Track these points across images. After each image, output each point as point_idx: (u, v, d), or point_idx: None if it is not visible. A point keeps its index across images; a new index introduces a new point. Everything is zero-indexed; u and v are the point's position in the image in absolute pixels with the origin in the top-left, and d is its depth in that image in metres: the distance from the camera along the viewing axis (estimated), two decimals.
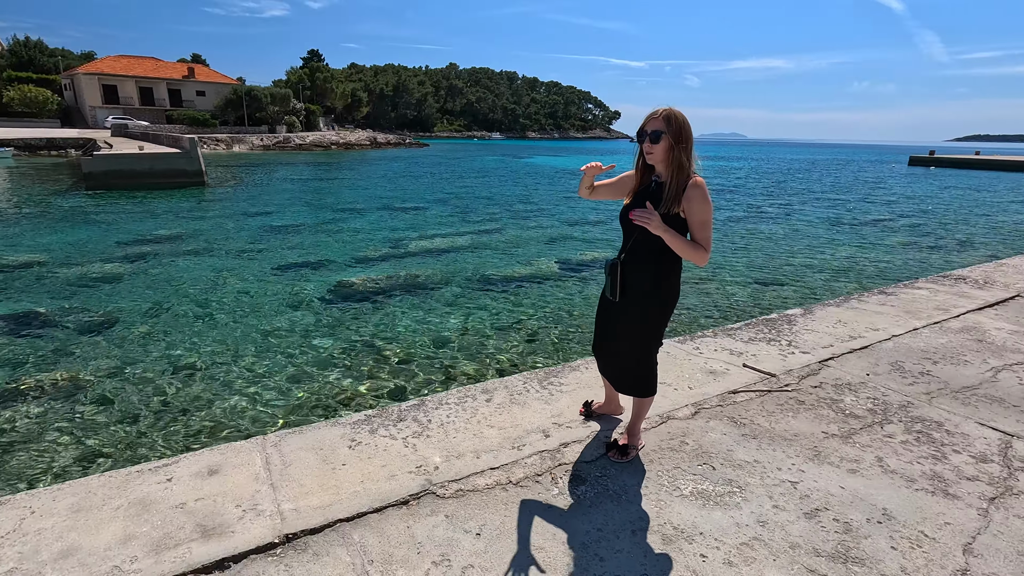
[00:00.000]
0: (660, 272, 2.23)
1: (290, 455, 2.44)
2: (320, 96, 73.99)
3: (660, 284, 2.25)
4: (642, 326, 2.32)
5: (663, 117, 2.12)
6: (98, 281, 8.87)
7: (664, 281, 2.25)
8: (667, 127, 2.10)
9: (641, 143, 2.18)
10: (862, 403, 3.01)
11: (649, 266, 2.23)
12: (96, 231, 13.17)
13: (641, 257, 2.23)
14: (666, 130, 2.10)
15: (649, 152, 2.16)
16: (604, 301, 2.46)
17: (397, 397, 5.09)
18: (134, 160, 23.00)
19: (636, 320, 2.31)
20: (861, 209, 20.08)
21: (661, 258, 2.21)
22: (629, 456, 2.44)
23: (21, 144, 38.71)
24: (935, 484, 2.31)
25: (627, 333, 2.36)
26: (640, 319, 2.31)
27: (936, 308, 4.74)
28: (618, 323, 2.38)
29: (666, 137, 2.10)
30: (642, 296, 2.27)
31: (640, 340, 2.35)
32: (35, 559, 1.82)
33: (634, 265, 2.25)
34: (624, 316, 2.34)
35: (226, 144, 50.49)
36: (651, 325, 2.32)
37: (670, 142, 2.10)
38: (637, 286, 2.26)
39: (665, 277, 2.25)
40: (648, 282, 2.24)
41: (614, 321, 2.40)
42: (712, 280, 9.38)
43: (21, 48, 58.89)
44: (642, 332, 2.33)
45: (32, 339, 6.40)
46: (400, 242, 12.50)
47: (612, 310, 2.39)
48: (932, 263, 11.27)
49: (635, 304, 2.29)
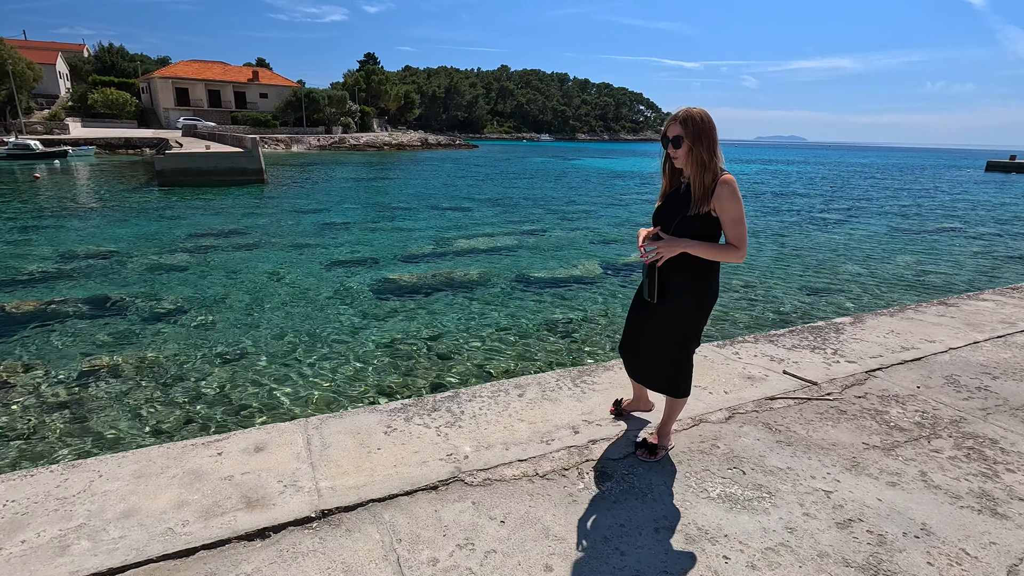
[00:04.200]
0: (699, 273, 2.22)
1: (330, 437, 2.57)
2: (374, 98, 76.10)
3: (700, 285, 2.24)
4: (680, 327, 2.31)
5: (680, 120, 2.11)
6: (165, 271, 9.49)
7: (704, 282, 2.24)
8: (684, 130, 2.10)
9: (665, 148, 2.19)
10: (909, 416, 2.89)
11: (687, 267, 2.21)
12: (165, 225, 14.06)
13: (679, 258, 2.22)
14: (684, 133, 2.10)
15: (674, 156, 2.17)
16: (638, 301, 2.44)
17: (433, 388, 5.22)
18: (201, 159, 24.40)
19: (673, 321, 2.30)
20: (927, 216, 18.97)
21: (699, 259, 2.20)
22: (658, 456, 2.44)
23: (102, 143, 41.74)
24: (983, 502, 2.20)
25: (663, 334, 2.35)
26: (677, 320, 2.30)
27: (1001, 321, 4.46)
28: (655, 324, 2.36)
29: (685, 140, 2.10)
30: (679, 297, 2.25)
31: (676, 341, 2.33)
32: (101, 517, 2.01)
33: (673, 266, 2.23)
34: (661, 317, 2.33)
35: (285, 144, 52.70)
36: (689, 326, 2.31)
37: (689, 144, 2.10)
38: (675, 287, 2.25)
39: (705, 278, 2.24)
40: (686, 283, 2.23)
41: (651, 322, 2.37)
42: (759, 286, 9.11)
43: (105, 54, 63.47)
44: (679, 333, 2.32)
45: (106, 322, 6.92)
46: (446, 241, 12.73)
47: (648, 311, 2.37)
48: (1003, 275, 10.53)
49: (673, 305, 2.28)
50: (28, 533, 1.92)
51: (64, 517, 2.00)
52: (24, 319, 6.97)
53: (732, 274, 9.89)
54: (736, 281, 9.40)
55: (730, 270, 10.16)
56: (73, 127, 45.67)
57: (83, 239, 12.04)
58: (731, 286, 9.07)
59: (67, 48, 65.02)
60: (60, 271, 9.36)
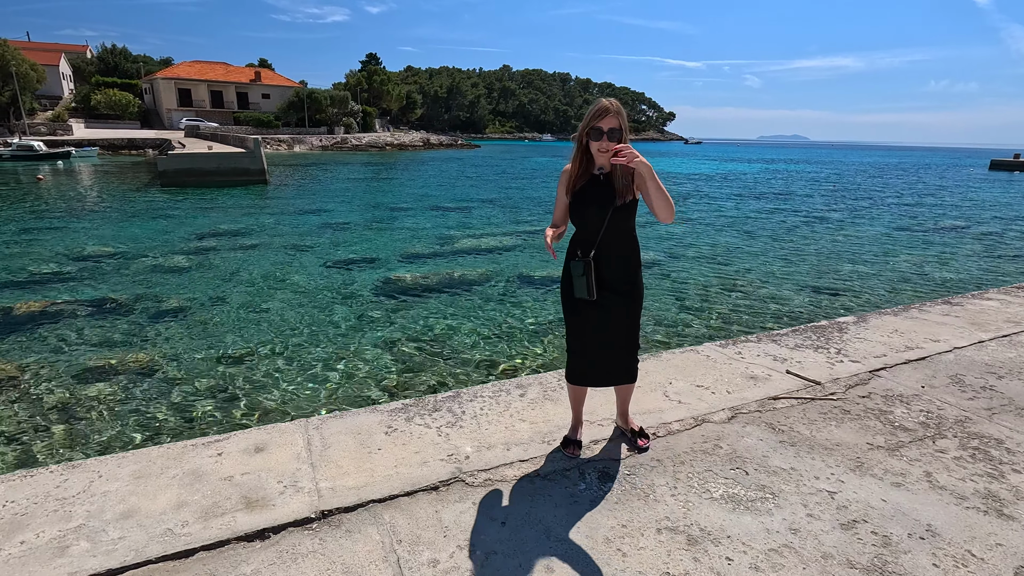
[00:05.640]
0: (635, 257, 2.27)
1: (330, 438, 2.56)
2: (376, 98, 76.13)
3: (638, 269, 2.29)
4: (635, 314, 2.31)
5: (615, 112, 2.07)
6: (168, 271, 9.49)
7: (640, 266, 2.31)
8: (622, 122, 2.09)
9: (597, 141, 2.09)
10: (914, 416, 2.87)
11: (624, 255, 2.23)
12: (168, 225, 14.08)
13: (614, 248, 2.20)
14: (622, 125, 2.09)
15: (605, 150, 2.09)
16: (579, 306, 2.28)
17: (434, 388, 5.21)
18: (203, 159, 24.44)
19: (636, 309, 2.31)
20: (930, 216, 18.89)
21: (631, 243, 2.25)
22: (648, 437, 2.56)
23: (105, 144, 41.85)
24: (989, 503, 2.18)
25: (632, 327, 2.32)
26: (638, 307, 2.32)
27: (1007, 320, 4.43)
28: (621, 321, 2.29)
29: (625, 132, 2.10)
30: (625, 285, 2.25)
31: (634, 328, 2.34)
32: (100, 517, 2.00)
33: (609, 258, 2.20)
34: (628, 311, 2.28)
35: (287, 144, 52.77)
36: (639, 308, 2.33)
37: (624, 136, 2.10)
38: (616, 278, 2.22)
39: (639, 261, 2.30)
40: (636, 269, 2.28)
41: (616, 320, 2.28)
42: (762, 286, 9.08)
43: (108, 55, 63.64)
44: (635, 320, 2.33)
45: (108, 322, 6.93)
46: (448, 240, 12.72)
47: (592, 311, 2.26)
48: (1007, 274, 10.48)
49: (620, 295, 2.25)
50: (27, 534, 1.91)
51: (63, 518, 1.99)
52: (27, 319, 6.98)
53: (735, 274, 9.86)
54: (739, 281, 9.37)
55: (732, 271, 10.12)
56: (76, 128, 45.83)
57: (86, 240, 12.07)
58: (733, 285, 9.04)
59: (70, 49, 65.17)
60: (63, 272, 9.37)
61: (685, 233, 14.06)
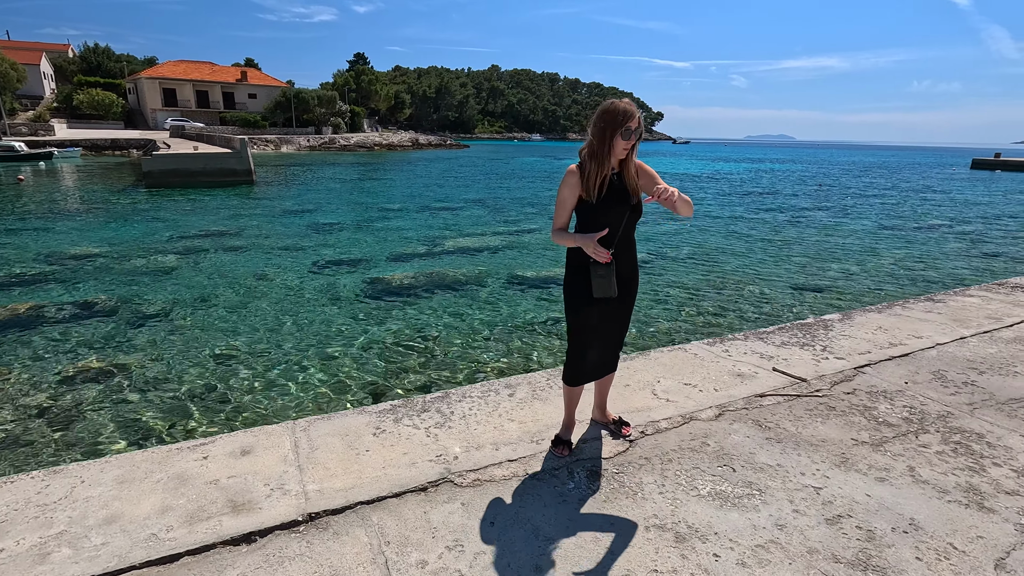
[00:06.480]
0: (635, 251, 2.35)
1: (317, 440, 2.54)
2: (365, 98, 75.72)
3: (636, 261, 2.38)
4: (632, 303, 2.41)
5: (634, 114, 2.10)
6: (152, 273, 9.37)
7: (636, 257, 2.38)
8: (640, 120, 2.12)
9: (627, 140, 2.09)
10: (897, 411, 2.91)
11: (631, 251, 2.32)
12: (153, 226, 13.90)
13: (626, 246, 2.29)
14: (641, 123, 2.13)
15: (628, 148, 2.13)
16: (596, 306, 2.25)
17: (424, 389, 5.19)
18: (189, 160, 24.15)
19: (631, 303, 2.40)
20: (913, 214, 19.17)
21: (634, 239, 2.32)
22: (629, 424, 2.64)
23: (88, 144, 41.21)
24: (970, 497, 2.21)
25: (627, 320, 2.43)
26: (631, 299, 2.38)
27: (988, 317, 4.51)
28: (622, 315, 2.39)
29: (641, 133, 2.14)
30: (632, 280, 2.35)
31: (629, 317, 2.43)
32: (82, 524, 1.97)
33: (624, 256, 2.29)
34: (627, 305, 2.38)
35: (275, 145, 52.30)
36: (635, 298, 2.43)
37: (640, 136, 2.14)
38: (627, 274, 2.32)
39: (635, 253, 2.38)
40: (633, 266, 2.34)
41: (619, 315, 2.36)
42: (748, 284, 9.16)
43: (90, 54, 62.63)
44: (630, 309, 2.42)
45: (92, 325, 6.82)
46: (436, 241, 12.69)
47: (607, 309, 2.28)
48: (990, 272, 10.66)
49: (628, 291, 2.35)
50: (7, 541, 1.88)
51: (45, 524, 1.96)
52: (8, 322, 6.86)
53: (723, 273, 9.93)
54: (726, 279, 9.44)
55: (719, 269, 10.20)
56: (58, 128, 45.05)
57: (69, 241, 11.88)
58: (721, 284, 9.11)
59: (51, 48, 64.07)
60: (45, 274, 9.22)
61: (673, 232, 14.14)
